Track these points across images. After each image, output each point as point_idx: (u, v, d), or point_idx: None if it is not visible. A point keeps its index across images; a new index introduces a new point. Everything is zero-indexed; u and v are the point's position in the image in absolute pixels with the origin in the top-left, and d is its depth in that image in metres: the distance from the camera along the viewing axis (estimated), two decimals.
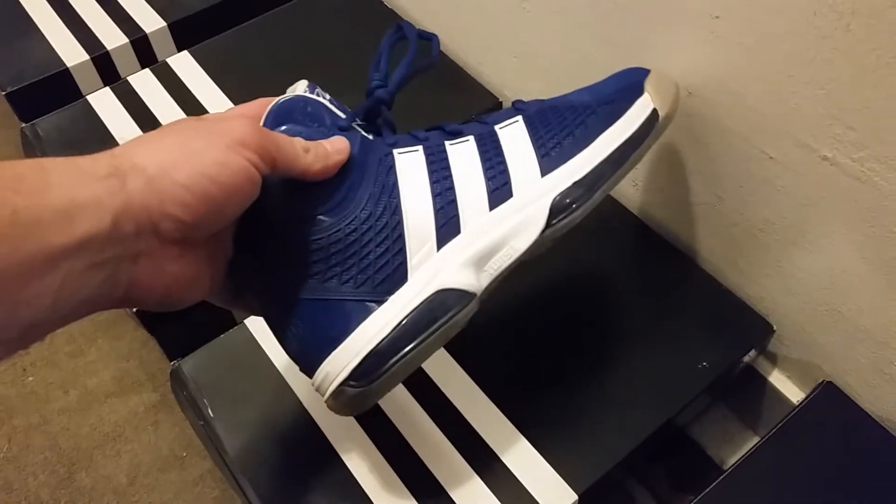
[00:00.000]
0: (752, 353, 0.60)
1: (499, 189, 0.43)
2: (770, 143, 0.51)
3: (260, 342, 0.59)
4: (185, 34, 0.88)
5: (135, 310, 0.63)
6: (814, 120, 0.47)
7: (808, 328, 0.58)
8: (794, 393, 0.62)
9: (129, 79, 0.80)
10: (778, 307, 0.59)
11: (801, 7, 0.44)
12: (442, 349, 0.57)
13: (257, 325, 0.60)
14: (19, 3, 0.88)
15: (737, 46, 0.49)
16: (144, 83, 0.80)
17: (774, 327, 0.59)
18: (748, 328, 0.60)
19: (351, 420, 0.54)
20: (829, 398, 0.57)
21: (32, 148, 0.76)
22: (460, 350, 0.57)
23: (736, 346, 0.58)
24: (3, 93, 0.79)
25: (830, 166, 0.48)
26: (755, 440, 0.54)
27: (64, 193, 0.28)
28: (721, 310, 0.60)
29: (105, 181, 0.29)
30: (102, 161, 0.30)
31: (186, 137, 0.33)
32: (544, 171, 0.44)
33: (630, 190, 0.67)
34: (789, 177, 0.51)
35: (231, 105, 0.77)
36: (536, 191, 0.44)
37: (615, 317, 0.60)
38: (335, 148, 0.40)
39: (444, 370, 0.57)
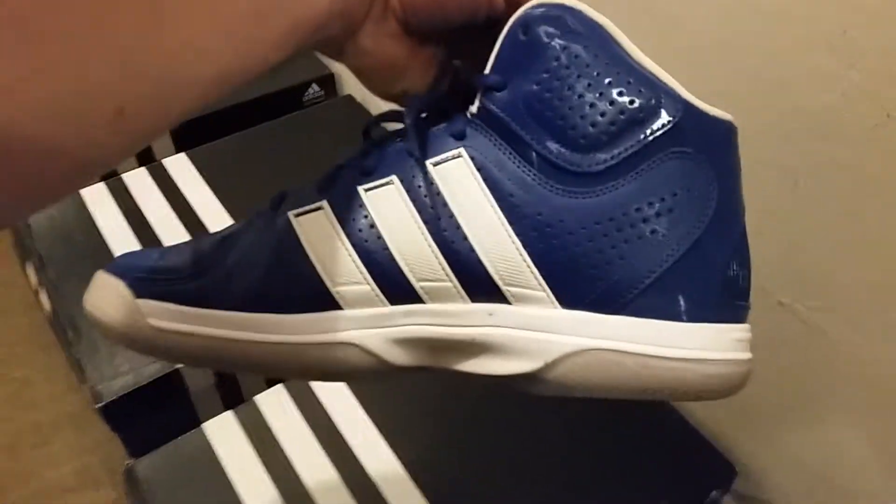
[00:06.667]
0: (715, 493, 0.59)
1: None
2: None
3: (214, 447, 0.58)
4: (185, 137, 0.91)
5: (98, 405, 0.63)
6: (769, 267, 0.49)
7: (772, 470, 0.58)
8: None
9: (123, 176, 0.83)
10: (742, 446, 0.59)
11: (752, 161, 0.46)
12: (403, 473, 0.57)
13: (214, 429, 0.59)
14: None
15: None
16: (139, 182, 0.82)
17: (737, 468, 0.59)
18: (711, 469, 0.59)
19: None
20: None
21: (22, 238, 0.78)
22: (419, 470, 0.56)
23: (697, 486, 0.58)
24: None
25: (786, 312, 0.49)
26: None
27: None
28: (684, 448, 0.60)
29: None
30: None
31: None
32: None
33: None
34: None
35: (222, 209, 0.80)
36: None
37: (571, 451, 0.60)
38: None
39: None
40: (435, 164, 0.29)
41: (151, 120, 0.23)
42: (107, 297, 0.31)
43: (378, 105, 0.93)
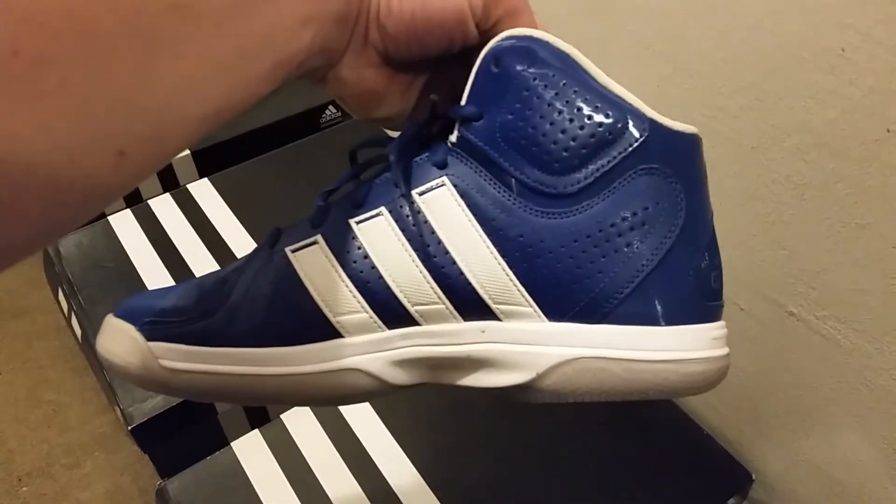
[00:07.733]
0: (733, 500, 0.60)
1: None
2: (740, 295, 0.54)
3: (243, 466, 0.60)
4: (208, 162, 0.94)
5: (130, 427, 0.64)
6: (778, 277, 0.50)
7: (787, 477, 0.58)
8: None
9: (149, 202, 0.85)
10: (757, 453, 0.60)
11: (759, 174, 0.48)
12: (426, 487, 0.58)
13: (241, 448, 0.61)
14: None
15: None
16: (164, 207, 0.85)
17: (753, 475, 0.59)
18: (728, 476, 0.60)
19: None
20: None
21: (52, 265, 0.81)
22: (441, 484, 0.58)
23: (714, 493, 0.58)
24: None
25: (797, 322, 0.50)
26: None
27: None
28: (701, 456, 0.61)
29: None
30: None
31: None
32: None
33: None
34: (760, 329, 0.53)
35: (245, 232, 0.82)
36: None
37: (587, 459, 0.60)
38: None
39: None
40: (420, 194, 0.31)
41: (150, 158, 0.24)
42: (120, 341, 0.32)
43: None
